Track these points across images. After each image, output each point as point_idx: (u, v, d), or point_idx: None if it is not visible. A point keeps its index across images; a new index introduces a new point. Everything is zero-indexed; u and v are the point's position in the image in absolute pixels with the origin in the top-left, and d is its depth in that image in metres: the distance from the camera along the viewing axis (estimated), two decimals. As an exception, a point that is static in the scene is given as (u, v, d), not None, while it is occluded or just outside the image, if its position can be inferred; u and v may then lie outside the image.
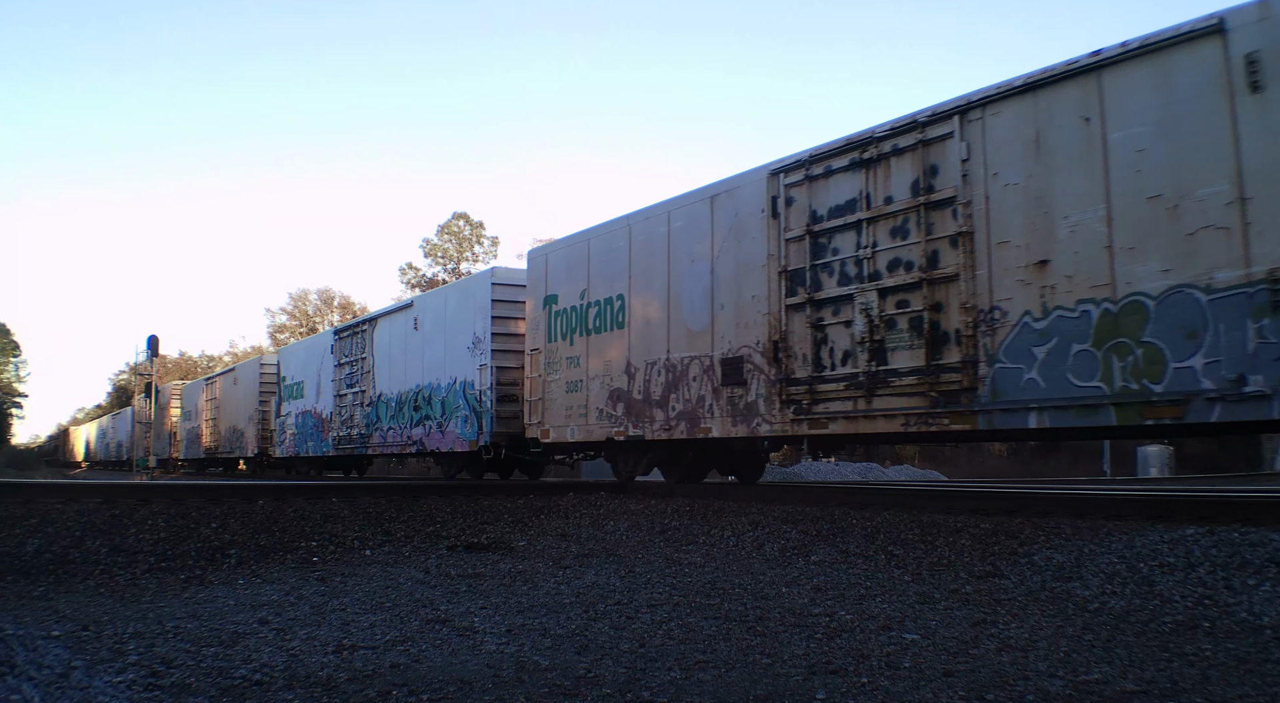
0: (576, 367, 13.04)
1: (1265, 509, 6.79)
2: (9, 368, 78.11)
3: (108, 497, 9.71)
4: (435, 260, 50.58)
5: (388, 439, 18.71)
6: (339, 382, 21.24)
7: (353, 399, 20.38)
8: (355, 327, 20.93)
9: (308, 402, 23.22)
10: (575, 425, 13.01)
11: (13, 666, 3.15)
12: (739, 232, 10.52)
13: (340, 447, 20.99)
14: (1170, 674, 3.94)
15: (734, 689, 3.77)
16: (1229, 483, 16.22)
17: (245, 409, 28.76)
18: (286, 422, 24.79)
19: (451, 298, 16.91)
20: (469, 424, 15.53)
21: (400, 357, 18.38)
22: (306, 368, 23.58)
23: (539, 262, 14.14)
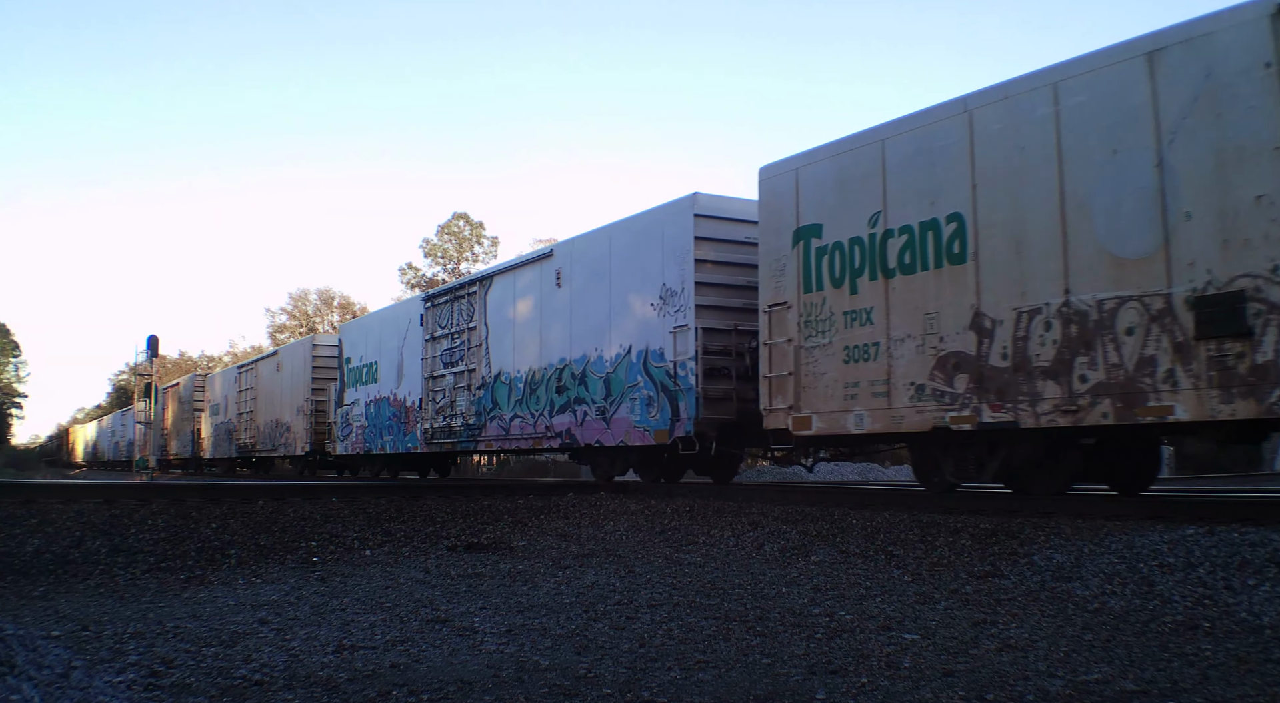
0: (866, 325, 9.23)
1: (1265, 509, 6.79)
2: (9, 368, 78.09)
3: (108, 497, 9.71)
4: (435, 260, 50.54)
5: (511, 430, 14.80)
6: (432, 360, 17.28)
7: (454, 381, 16.52)
8: (457, 290, 16.85)
9: (383, 387, 19.36)
10: (864, 410, 9.19)
11: (13, 666, 3.15)
12: (1216, 100, 7.10)
13: (435, 441, 17.11)
14: (1170, 674, 3.94)
15: (734, 689, 3.77)
16: (1229, 483, 16.21)
17: (292, 399, 24.84)
18: (352, 412, 20.75)
19: (621, 241, 12.70)
20: (654, 408, 11.74)
21: (531, 323, 14.46)
22: (382, 346, 19.54)
23: (782, 181, 10.17)
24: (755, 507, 9.71)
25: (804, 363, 9.85)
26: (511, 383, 14.92)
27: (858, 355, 9.34)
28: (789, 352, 10.02)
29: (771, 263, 10.32)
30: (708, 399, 11.20)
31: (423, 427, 17.56)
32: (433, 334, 17.40)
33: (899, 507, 8.91)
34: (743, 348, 11.30)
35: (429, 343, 17.48)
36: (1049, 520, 7.43)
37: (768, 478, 23.53)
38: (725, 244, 11.48)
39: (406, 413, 18.28)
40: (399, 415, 18.63)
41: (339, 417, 21.54)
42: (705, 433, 11.13)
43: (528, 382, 14.47)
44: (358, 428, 20.53)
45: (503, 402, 15.09)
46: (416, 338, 18.00)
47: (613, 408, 12.57)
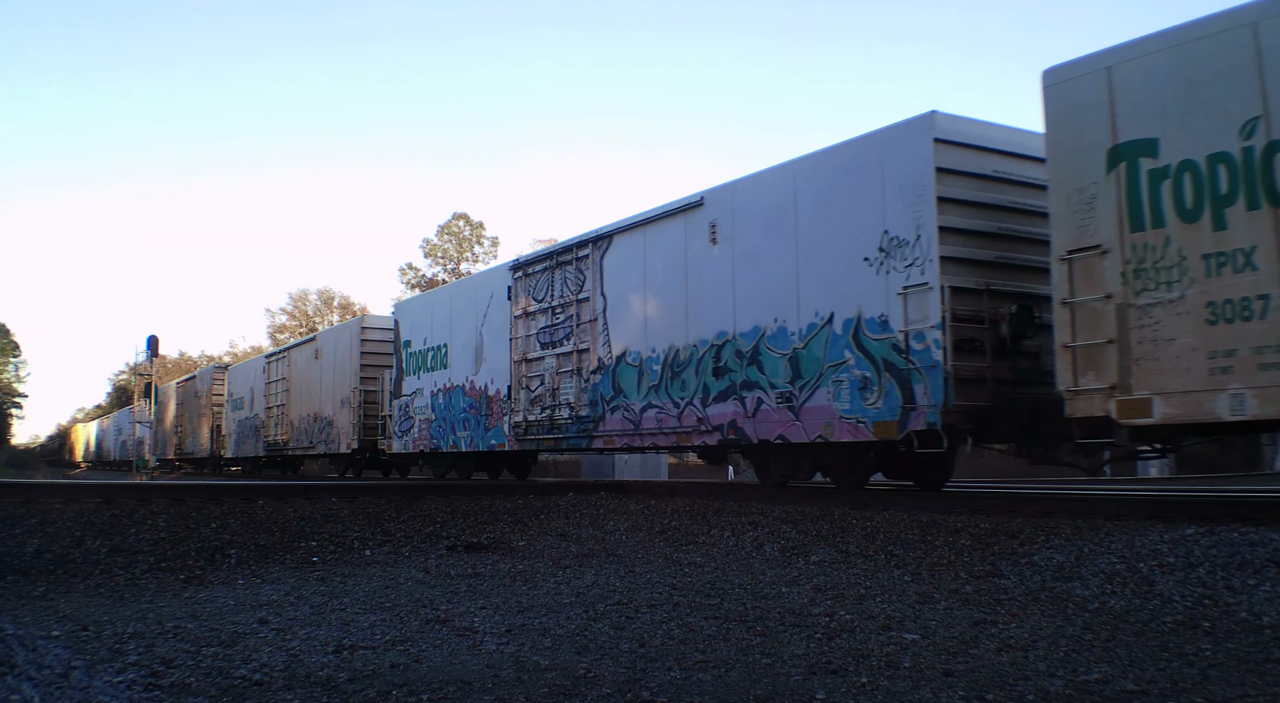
0: (1243, 271, 6.97)
1: (1265, 509, 6.79)
2: (9, 368, 78.11)
3: (108, 497, 9.71)
4: (435, 261, 50.59)
5: (643, 423, 11.86)
6: (524, 341, 14.34)
7: (555, 365, 13.64)
8: (560, 254, 13.71)
9: (455, 373, 16.42)
10: (1245, 389, 6.75)
11: (13, 666, 3.15)
12: None
13: (530, 437, 14.20)
14: (1170, 674, 3.94)
15: (734, 689, 3.77)
16: (1229, 483, 16.22)
17: (336, 390, 21.61)
18: (413, 404, 17.85)
19: (812, 180, 10.01)
20: (872, 393, 9.08)
21: (671, 289, 11.54)
22: (453, 325, 16.64)
23: (1084, 86, 7.82)
24: (755, 507, 9.71)
25: (1134, 326, 7.40)
26: (643, 365, 11.92)
27: (1231, 313, 6.99)
28: (1106, 312, 7.52)
29: (1071, 195, 7.84)
30: (959, 380, 8.47)
31: (512, 420, 14.50)
32: (525, 309, 14.33)
33: (899, 507, 8.91)
34: (998, 314, 8.78)
35: (520, 320, 14.42)
36: (1049, 521, 7.43)
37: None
38: (973, 179, 8.93)
39: (488, 404, 15.25)
40: (477, 407, 15.58)
41: (395, 409, 18.43)
42: (955, 425, 8.55)
43: (667, 363, 11.54)
44: (421, 422, 17.44)
45: (629, 388, 12.12)
46: (502, 315, 14.94)
47: (804, 394, 9.79)
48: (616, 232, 12.67)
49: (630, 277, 12.35)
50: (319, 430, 22.44)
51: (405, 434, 18.10)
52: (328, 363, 22.32)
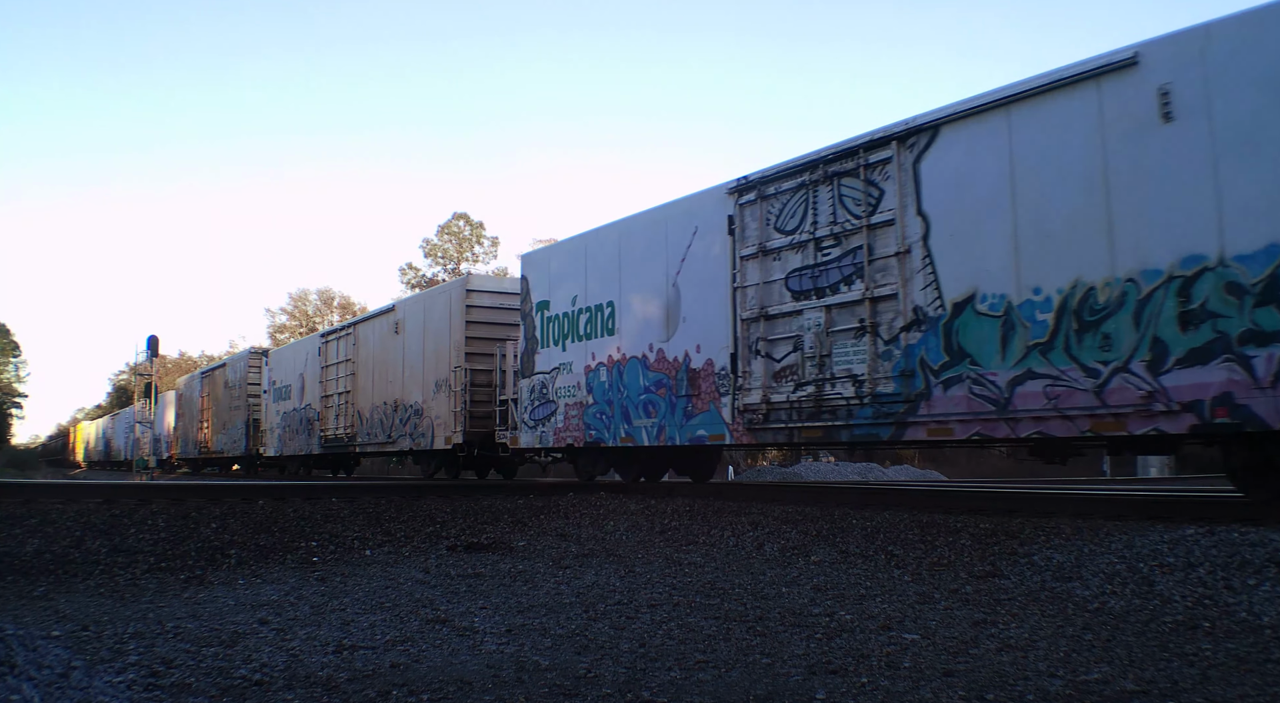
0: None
1: (1265, 509, 6.79)
2: (9, 368, 78.11)
3: (108, 497, 9.71)
4: (435, 260, 50.58)
5: (1014, 402, 8.14)
6: (758, 290, 10.33)
7: (823, 321, 9.67)
8: (829, 161, 9.75)
9: (627, 341, 12.46)
10: None
11: (13, 666, 3.15)
12: None
13: (771, 424, 10.20)
14: (1170, 674, 3.94)
15: (734, 689, 3.77)
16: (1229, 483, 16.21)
17: (427, 370, 17.54)
18: (553, 385, 13.82)
19: None
20: None
21: (1070, 195, 7.89)
22: (622, 276, 12.61)
23: None
24: (755, 507, 9.71)
25: None
26: (1012, 314, 8.21)
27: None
28: None
29: None
30: None
31: (741, 402, 10.51)
32: (760, 246, 10.34)
33: (899, 507, 8.91)
34: None
35: (751, 262, 10.47)
36: (1049, 521, 7.43)
37: (768, 478, 23.53)
38: None
39: (691, 381, 11.28)
40: (670, 385, 11.65)
41: (525, 392, 14.42)
42: None
43: (1068, 309, 7.83)
44: (569, 407, 13.46)
45: (982, 349, 8.40)
46: (714, 256, 10.98)
47: None
48: (945, 120, 8.82)
49: (976, 184, 8.55)
50: (401, 422, 18.28)
51: (541, 424, 14.06)
52: (413, 338, 18.14)
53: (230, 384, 30.17)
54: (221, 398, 31.12)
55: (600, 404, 12.91)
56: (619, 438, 12.50)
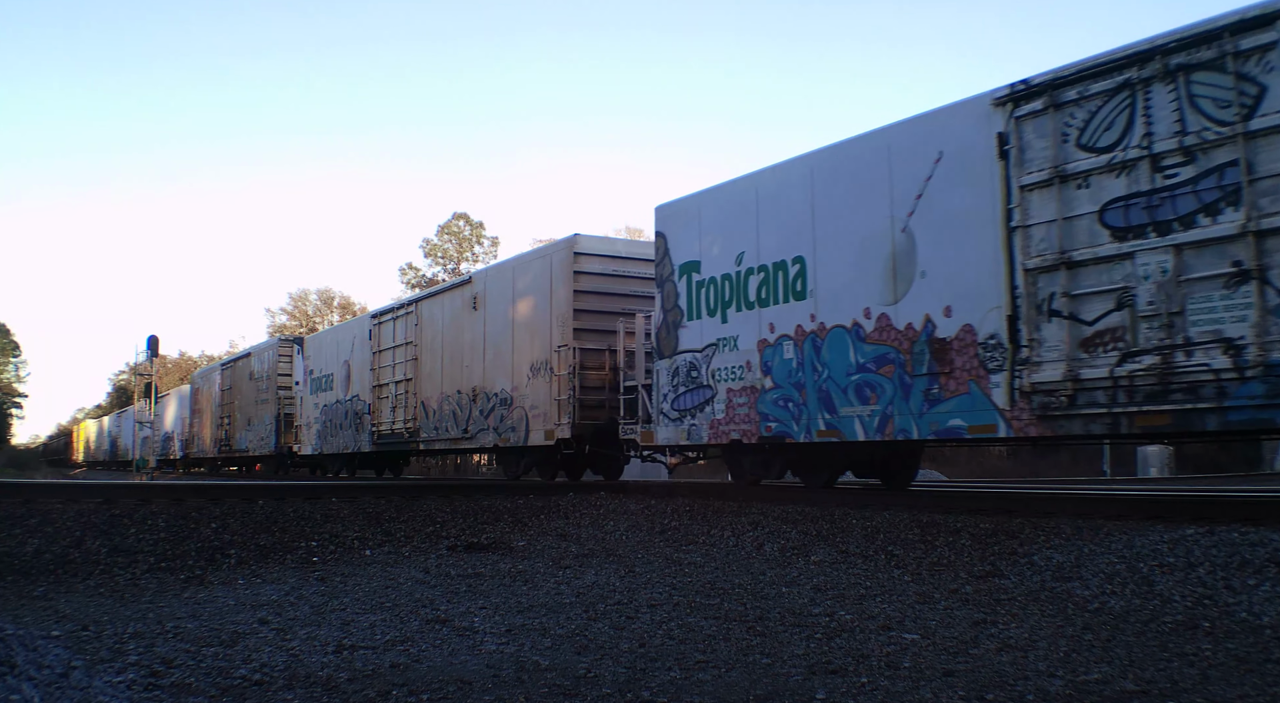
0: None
1: (1265, 509, 6.79)
2: (9, 368, 78.14)
3: (108, 497, 9.71)
4: (435, 260, 50.62)
5: None
6: (1052, 230, 7.83)
7: (1171, 266, 7.17)
8: (1167, 50, 7.24)
9: (824, 307, 9.82)
10: None
11: (13, 666, 3.15)
12: None
13: (1078, 410, 7.64)
14: (1170, 674, 3.94)
15: (734, 689, 3.77)
16: (1229, 483, 16.22)
17: (519, 351, 14.58)
18: (708, 366, 11.15)
19: None
20: None
21: None
22: (815, 225, 9.95)
23: None
24: (755, 507, 9.71)
25: None
26: None
27: None
28: None
29: None
30: None
31: (1025, 380, 7.90)
32: (1053, 170, 7.80)
33: (899, 507, 8.91)
34: None
35: (1036, 193, 7.92)
36: (1049, 521, 7.43)
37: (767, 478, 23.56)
38: None
39: (935, 354, 8.66)
40: (901, 361, 8.96)
41: (663, 376, 11.63)
42: None
43: None
44: (735, 392, 10.63)
45: None
46: (968, 188, 8.43)
47: None
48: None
49: None
50: (482, 413, 15.40)
51: (688, 415, 11.29)
52: (498, 314, 15.18)
53: (256, 376, 27.06)
54: (246, 391, 28.10)
55: (784, 389, 9.94)
56: (816, 431, 9.65)
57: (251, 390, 27.61)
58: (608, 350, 13.41)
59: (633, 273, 13.84)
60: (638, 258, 13.85)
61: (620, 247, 14.35)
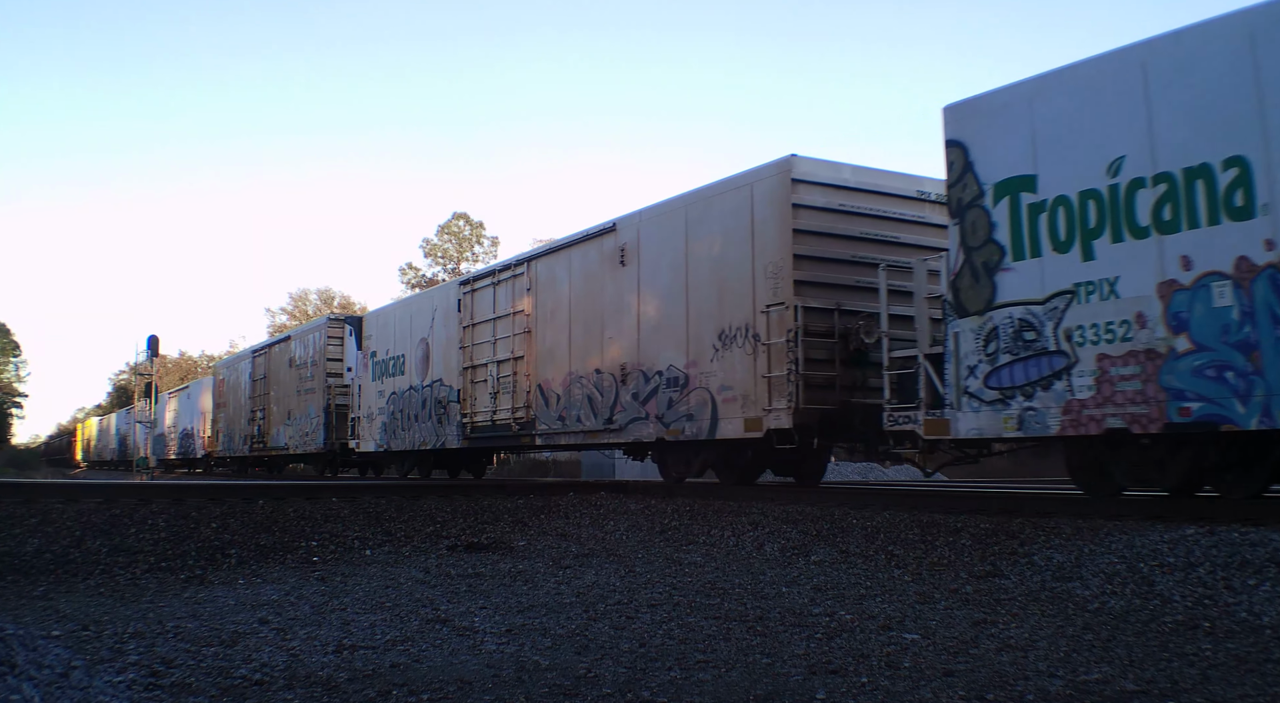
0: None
1: (1265, 509, 6.79)
2: (9, 368, 78.15)
3: (108, 497, 9.71)
4: (435, 260, 50.61)
5: None
6: None
7: None
8: None
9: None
10: None
11: (13, 666, 3.15)
12: None
13: None
14: (1170, 674, 3.94)
15: (734, 689, 3.77)
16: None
17: (706, 312, 11.18)
18: (1056, 322, 7.85)
19: None
20: None
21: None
22: None
23: None
24: (755, 507, 9.70)
25: None
26: None
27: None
28: None
29: None
30: None
31: None
32: None
33: (899, 507, 8.91)
34: None
35: None
36: (1049, 521, 7.43)
37: (767, 478, 23.54)
38: None
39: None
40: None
41: (967, 341, 8.45)
42: None
43: None
44: (1116, 360, 7.49)
45: None
46: None
47: None
48: None
49: None
50: (638, 398, 11.99)
51: (1017, 394, 8.08)
52: (660, 267, 11.78)
53: (299, 362, 23.44)
54: (286, 380, 24.51)
55: (1218, 351, 6.88)
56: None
57: (292, 379, 23.97)
58: (836, 310, 10.14)
59: (865, 209, 10.64)
60: (874, 190, 10.70)
61: (848, 174, 10.65)
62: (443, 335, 16.94)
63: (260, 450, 26.57)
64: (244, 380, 28.31)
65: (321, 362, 22.30)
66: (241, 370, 29.00)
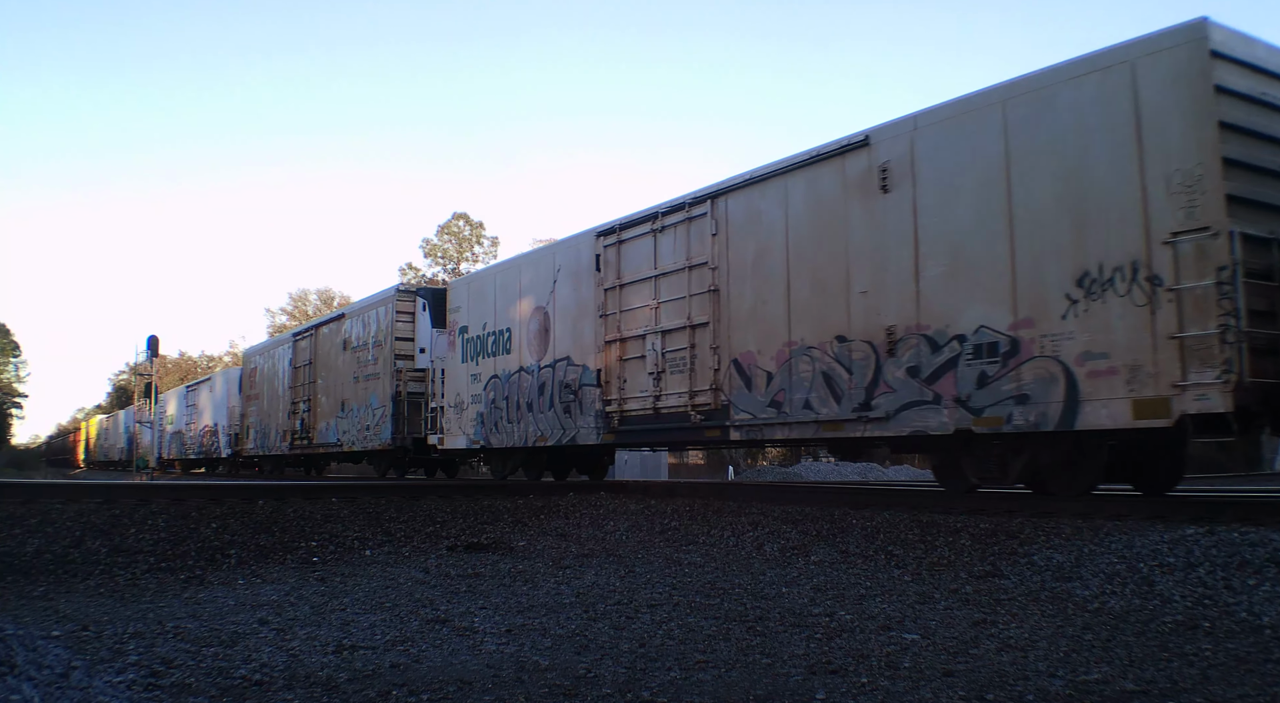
0: None
1: (1265, 509, 6.79)
2: (9, 368, 78.10)
3: (108, 497, 9.71)
4: (435, 260, 50.60)
5: None
6: None
7: None
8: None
9: None
10: None
11: (13, 666, 3.15)
12: None
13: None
14: (1170, 674, 3.94)
15: (734, 689, 3.77)
16: (1229, 483, 16.21)
17: (1059, 247, 7.77)
18: None
19: None
20: None
21: None
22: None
23: None
24: (755, 507, 9.70)
25: None
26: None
27: None
28: None
29: None
30: None
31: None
32: None
33: (899, 507, 8.91)
34: None
35: None
36: (1049, 521, 7.43)
37: (768, 478, 23.55)
38: None
39: None
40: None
41: None
42: None
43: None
44: None
45: None
46: None
47: None
48: None
49: None
50: (914, 372, 8.91)
51: None
52: (953, 190, 8.69)
53: (357, 343, 20.11)
54: (338, 365, 21.08)
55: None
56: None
57: (348, 364, 20.50)
58: (1276, 241, 7.16)
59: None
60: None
61: (1262, 53, 7.49)
62: (571, 302, 13.67)
63: (304, 448, 22.98)
64: (282, 368, 24.79)
65: (388, 342, 18.80)
66: (278, 357, 25.28)
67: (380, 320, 19.41)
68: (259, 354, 28.24)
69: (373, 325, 19.76)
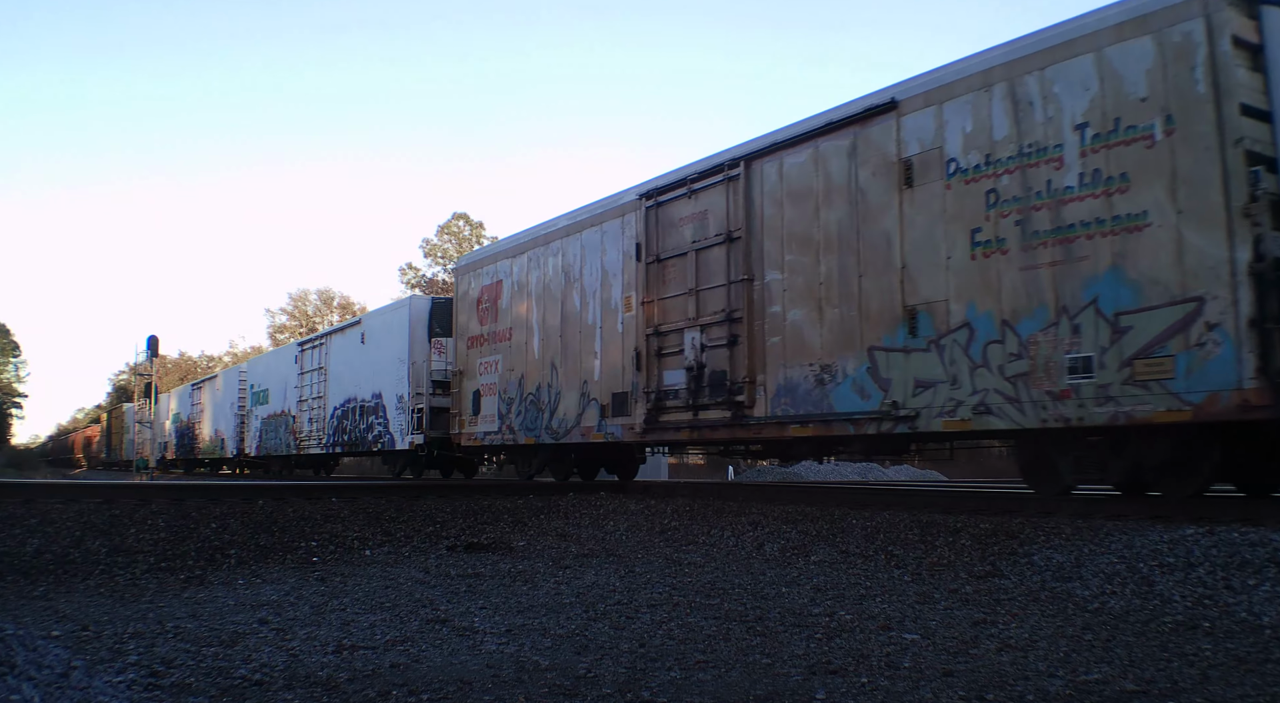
0: None
1: (1265, 509, 6.79)
2: (9, 368, 78.10)
3: (108, 497, 9.70)
4: (435, 260, 50.62)
5: None
6: None
7: None
8: None
9: None
10: None
11: (13, 666, 3.15)
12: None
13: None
14: (1170, 674, 3.94)
15: (734, 689, 3.77)
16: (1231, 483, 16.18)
17: None
18: None
19: None
20: None
21: None
22: None
23: None
24: (755, 507, 9.71)
25: None
26: None
27: None
28: None
29: None
30: None
31: None
32: None
33: (899, 507, 8.91)
34: None
35: None
36: (1049, 520, 7.43)
37: (768, 478, 23.54)
38: None
39: None
40: None
41: None
42: None
43: None
44: None
45: None
46: None
47: None
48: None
49: None
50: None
51: None
52: None
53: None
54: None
55: None
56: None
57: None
58: None
59: None
60: None
61: None
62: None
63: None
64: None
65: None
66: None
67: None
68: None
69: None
